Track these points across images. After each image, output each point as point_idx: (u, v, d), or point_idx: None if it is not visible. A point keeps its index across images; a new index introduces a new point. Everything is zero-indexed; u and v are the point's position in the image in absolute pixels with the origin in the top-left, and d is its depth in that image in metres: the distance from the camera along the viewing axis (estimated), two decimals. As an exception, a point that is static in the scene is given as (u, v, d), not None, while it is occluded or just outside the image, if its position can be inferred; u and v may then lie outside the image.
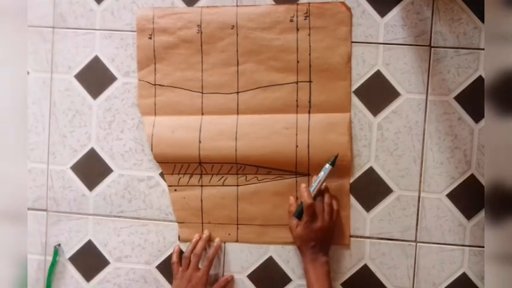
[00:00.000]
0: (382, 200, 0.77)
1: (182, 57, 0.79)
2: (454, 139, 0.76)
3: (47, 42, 0.82)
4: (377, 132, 0.77)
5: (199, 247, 0.76)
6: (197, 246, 0.76)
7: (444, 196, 0.76)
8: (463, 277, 0.76)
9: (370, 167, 0.77)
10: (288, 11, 0.77)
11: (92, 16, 0.81)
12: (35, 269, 0.83)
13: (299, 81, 0.77)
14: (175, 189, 0.80)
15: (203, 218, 0.79)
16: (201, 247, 0.76)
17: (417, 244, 0.77)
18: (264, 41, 0.77)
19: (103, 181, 0.82)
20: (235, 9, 0.78)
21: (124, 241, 0.82)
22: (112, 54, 0.81)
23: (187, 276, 0.74)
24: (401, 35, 0.76)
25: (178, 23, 0.78)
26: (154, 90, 0.80)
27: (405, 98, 0.76)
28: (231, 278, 0.78)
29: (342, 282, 0.78)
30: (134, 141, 0.81)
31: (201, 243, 0.76)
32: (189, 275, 0.74)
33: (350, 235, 0.77)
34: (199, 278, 0.74)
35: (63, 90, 0.82)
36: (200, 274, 0.74)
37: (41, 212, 0.83)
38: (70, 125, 0.82)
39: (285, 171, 0.77)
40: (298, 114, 0.77)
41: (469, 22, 0.75)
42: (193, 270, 0.74)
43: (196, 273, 0.74)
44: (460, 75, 0.76)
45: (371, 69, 0.77)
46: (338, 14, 0.76)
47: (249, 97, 0.78)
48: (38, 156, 0.83)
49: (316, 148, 0.76)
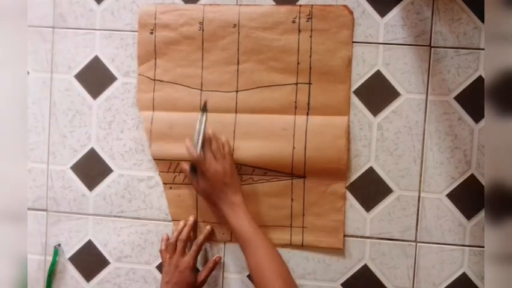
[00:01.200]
0: (382, 200, 0.77)
1: (183, 54, 0.79)
2: (454, 139, 0.76)
3: (47, 42, 0.82)
4: (377, 132, 0.77)
5: (185, 232, 0.76)
6: (182, 232, 0.76)
7: (444, 196, 0.76)
8: (463, 277, 0.76)
9: (370, 167, 0.77)
10: (290, 12, 0.77)
11: (92, 16, 0.81)
12: (35, 269, 0.83)
13: (299, 83, 0.77)
14: (170, 187, 0.80)
15: (198, 216, 0.79)
16: (186, 232, 0.76)
17: (417, 244, 0.77)
18: (265, 41, 0.77)
19: (103, 181, 0.82)
20: (237, 8, 0.78)
21: (124, 241, 0.82)
22: (112, 54, 0.81)
23: (174, 262, 0.74)
24: (401, 35, 0.76)
25: (180, 20, 0.78)
26: (153, 85, 0.80)
27: (405, 98, 0.76)
28: (218, 259, 0.79)
29: (342, 282, 0.78)
30: (134, 141, 0.81)
31: (186, 229, 0.76)
32: (176, 260, 0.74)
33: (344, 237, 0.77)
34: (187, 262, 0.73)
35: (63, 90, 0.82)
36: (187, 259, 0.74)
37: (41, 212, 0.83)
38: (70, 125, 0.82)
39: (281, 172, 0.77)
40: (296, 116, 0.77)
41: (469, 22, 0.75)
42: (180, 256, 0.74)
43: (182, 258, 0.74)
44: (460, 75, 0.76)
45: (371, 69, 0.77)
46: (340, 17, 0.76)
47: (248, 96, 0.78)
48: (38, 156, 0.83)
49: (313, 150, 0.76)
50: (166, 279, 0.73)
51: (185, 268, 0.73)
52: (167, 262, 0.74)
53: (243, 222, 0.70)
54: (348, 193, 0.77)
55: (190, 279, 0.73)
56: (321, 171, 0.76)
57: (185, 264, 0.73)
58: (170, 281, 0.73)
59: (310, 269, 0.78)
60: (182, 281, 0.73)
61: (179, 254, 0.74)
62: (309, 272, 0.78)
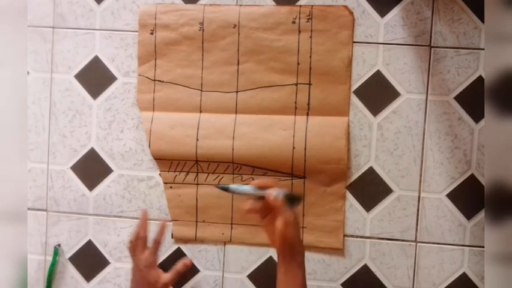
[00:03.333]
0: (382, 200, 0.77)
1: (183, 54, 0.79)
2: (454, 139, 0.76)
3: (47, 42, 0.82)
4: (377, 132, 0.77)
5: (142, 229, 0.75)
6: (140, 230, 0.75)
7: (444, 196, 0.76)
8: (463, 277, 0.76)
9: (370, 167, 0.77)
10: (290, 12, 0.77)
11: (92, 16, 0.81)
12: (35, 269, 0.83)
13: (299, 83, 0.77)
14: (170, 187, 0.80)
15: (197, 216, 0.79)
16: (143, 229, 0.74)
17: (417, 244, 0.77)
18: (265, 41, 0.77)
19: (103, 181, 0.82)
20: (237, 8, 0.78)
21: (124, 241, 0.82)
22: (112, 54, 0.81)
23: (135, 261, 0.73)
24: (401, 35, 0.76)
25: (181, 20, 0.78)
26: (153, 85, 0.80)
27: (405, 98, 0.76)
28: (189, 262, 0.77)
29: (342, 282, 0.78)
30: (134, 141, 0.81)
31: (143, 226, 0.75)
32: (137, 259, 0.73)
33: (344, 237, 0.77)
34: (145, 260, 0.73)
35: (63, 90, 0.82)
36: (145, 256, 0.73)
37: (41, 212, 0.83)
38: (70, 125, 0.82)
39: (281, 172, 0.77)
40: (296, 116, 0.77)
41: (469, 22, 0.75)
42: (140, 253, 0.73)
43: (142, 256, 0.73)
44: (460, 75, 0.76)
45: (371, 69, 0.77)
46: (341, 17, 0.76)
47: (248, 97, 0.78)
48: (38, 156, 0.83)
49: (313, 151, 0.76)
50: (131, 279, 0.74)
51: (144, 266, 0.72)
52: (132, 261, 0.74)
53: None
54: (348, 193, 0.77)
55: (151, 277, 0.72)
56: (321, 172, 0.76)
57: (144, 262, 0.72)
58: (133, 280, 0.73)
59: (310, 269, 0.78)
60: (143, 279, 0.72)
61: (140, 251, 0.74)
62: (309, 272, 0.78)
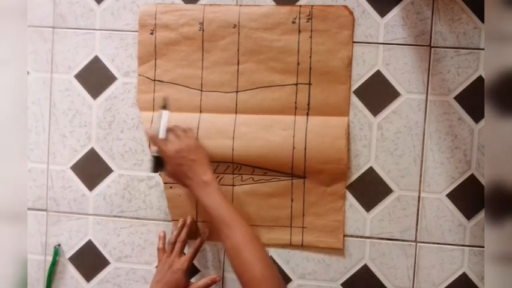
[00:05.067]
0: (382, 200, 0.77)
1: (183, 54, 0.79)
2: (454, 139, 0.76)
3: (47, 42, 0.82)
4: (377, 132, 0.77)
5: (184, 233, 0.75)
6: (181, 233, 0.76)
7: (444, 196, 0.76)
8: (463, 277, 0.76)
9: (370, 167, 0.77)
10: (290, 12, 0.77)
11: (92, 16, 0.81)
12: (35, 269, 0.83)
13: (299, 83, 0.77)
14: (170, 187, 0.80)
15: (197, 216, 0.79)
16: (185, 233, 0.75)
17: (417, 244, 0.77)
18: (265, 41, 0.77)
19: (103, 181, 0.82)
20: (237, 9, 0.78)
21: (124, 241, 0.82)
22: (112, 54, 0.81)
23: (169, 262, 0.73)
24: (401, 35, 0.76)
25: (181, 20, 0.78)
26: (153, 85, 0.80)
27: (405, 98, 0.76)
28: (219, 278, 0.75)
29: (342, 282, 0.78)
30: (134, 141, 0.81)
31: (185, 230, 0.76)
32: (171, 260, 0.73)
33: (344, 237, 0.77)
34: (181, 264, 0.73)
35: (63, 90, 0.82)
36: (182, 260, 0.73)
37: (41, 212, 0.83)
38: (70, 125, 0.82)
39: (281, 172, 0.77)
40: (296, 116, 0.77)
41: (469, 22, 0.75)
42: (176, 256, 0.74)
43: (178, 259, 0.73)
44: (460, 75, 0.76)
45: (371, 69, 0.77)
46: (341, 17, 0.76)
47: (248, 97, 0.78)
48: (38, 156, 0.83)
49: (313, 151, 0.76)
50: (158, 278, 0.73)
51: (178, 269, 0.72)
52: (163, 261, 0.74)
53: (216, 201, 0.66)
54: (348, 193, 0.77)
55: (181, 281, 0.72)
56: (321, 172, 0.76)
57: (179, 266, 0.72)
58: (161, 280, 0.72)
59: (310, 269, 0.78)
60: (173, 282, 0.72)
61: (177, 254, 0.74)
62: (309, 272, 0.78)
